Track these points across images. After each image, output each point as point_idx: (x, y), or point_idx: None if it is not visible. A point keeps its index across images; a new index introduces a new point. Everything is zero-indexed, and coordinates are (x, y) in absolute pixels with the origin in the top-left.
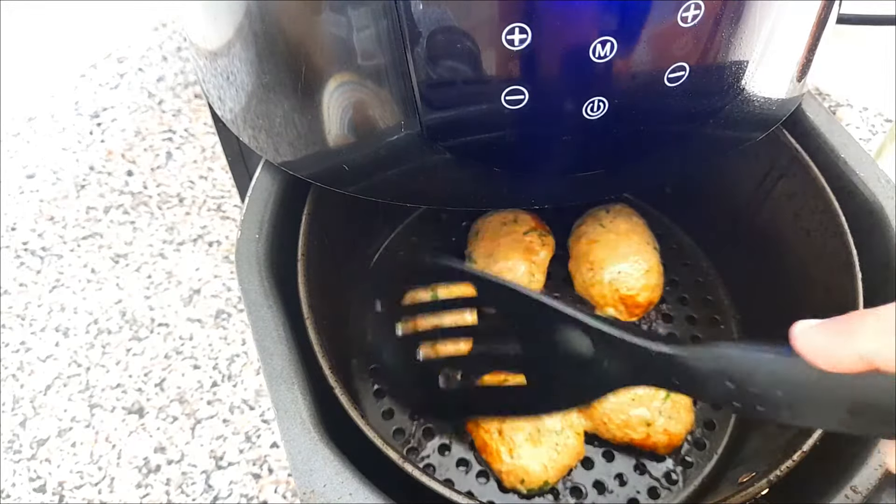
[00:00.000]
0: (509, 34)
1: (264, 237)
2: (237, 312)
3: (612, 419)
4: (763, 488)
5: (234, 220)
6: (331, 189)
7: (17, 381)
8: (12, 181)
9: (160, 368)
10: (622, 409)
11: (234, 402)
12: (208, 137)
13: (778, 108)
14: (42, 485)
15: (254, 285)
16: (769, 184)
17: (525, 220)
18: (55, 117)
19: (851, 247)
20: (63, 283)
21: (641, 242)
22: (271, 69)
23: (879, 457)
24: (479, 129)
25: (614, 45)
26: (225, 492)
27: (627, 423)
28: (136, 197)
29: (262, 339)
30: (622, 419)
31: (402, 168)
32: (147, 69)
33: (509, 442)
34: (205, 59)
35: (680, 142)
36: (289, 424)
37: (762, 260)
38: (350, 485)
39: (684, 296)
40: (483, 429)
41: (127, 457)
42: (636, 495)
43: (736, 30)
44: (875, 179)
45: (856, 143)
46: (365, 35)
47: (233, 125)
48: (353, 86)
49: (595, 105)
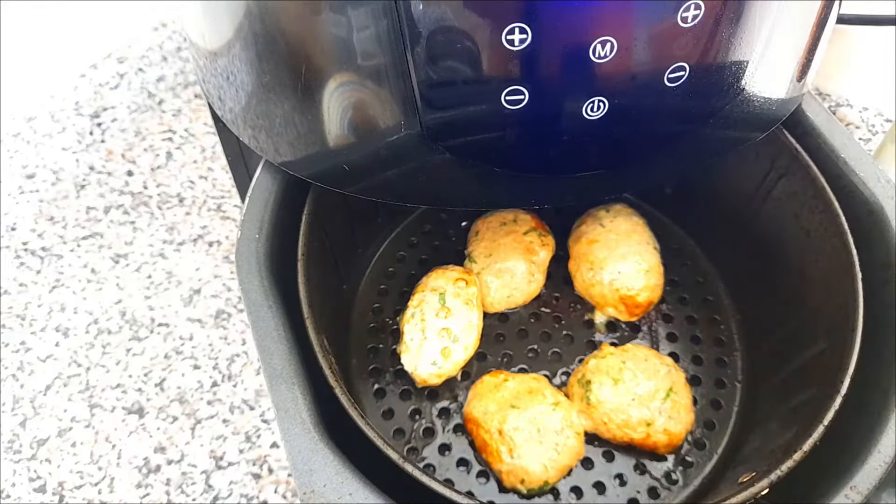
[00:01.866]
0: (509, 34)
1: (264, 237)
2: (237, 312)
3: (613, 419)
4: (763, 488)
5: (234, 220)
6: (331, 189)
7: (17, 381)
8: (12, 181)
9: (160, 368)
10: (622, 409)
11: (234, 402)
12: (208, 137)
13: (778, 108)
14: (42, 485)
15: (254, 285)
16: (769, 184)
17: (525, 220)
18: (55, 117)
19: (851, 247)
20: (63, 283)
21: (641, 242)
22: (271, 69)
23: (879, 457)
24: (479, 130)
25: (614, 45)
26: (225, 492)
27: (627, 422)
28: (136, 197)
29: (262, 339)
30: (622, 419)
31: (402, 168)
32: (147, 69)
33: (509, 442)
34: (205, 59)
35: (680, 142)
36: (289, 424)
37: (762, 260)
38: (350, 485)
39: (684, 296)
40: (483, 428)
41: (127, 457)
42: (636, 495)
43: (736, 30)
44: (875, 179)
45: (856, 143)
46: (365, 35)
47: (233, 125)
48: (354, 86)
49: (595, 105)
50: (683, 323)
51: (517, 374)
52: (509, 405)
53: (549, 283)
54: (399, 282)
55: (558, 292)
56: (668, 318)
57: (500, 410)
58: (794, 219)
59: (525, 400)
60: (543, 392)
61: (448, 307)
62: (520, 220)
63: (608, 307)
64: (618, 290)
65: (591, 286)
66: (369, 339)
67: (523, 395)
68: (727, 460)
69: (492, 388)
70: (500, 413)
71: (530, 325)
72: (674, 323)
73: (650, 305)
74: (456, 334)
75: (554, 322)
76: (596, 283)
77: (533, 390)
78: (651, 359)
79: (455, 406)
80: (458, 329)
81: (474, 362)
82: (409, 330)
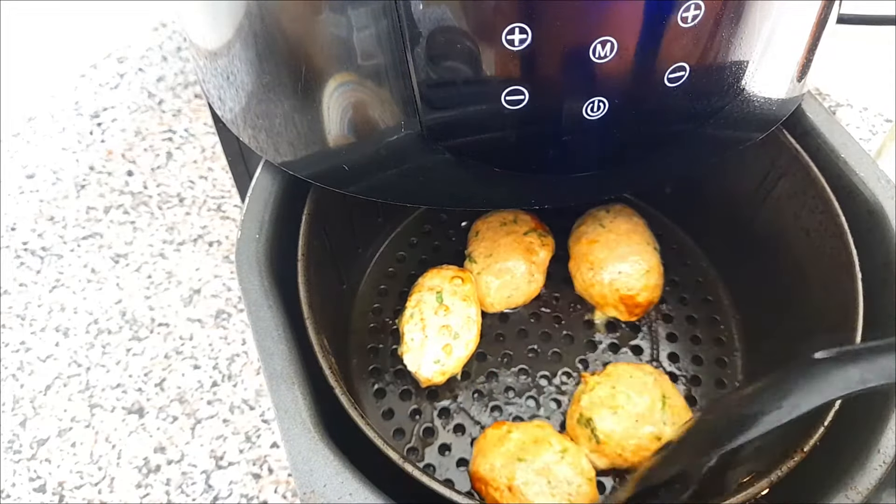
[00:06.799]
0: (509, 34)
1: (264, 237)
2: (237, 312)
3: (626, 447)
4: (763, 488)
5: (234, 220)
6: (331, 189)
7: (17, 381)
8: (12, 181)
9: (160, 368)
10: (631, 435)
11: (234, 402)
12: (208, 137)
13: (778, 109)
14: (42, 485)
15: (254, 285)
16: (769, 184)
17: (525, 221)
18: (55, 117)
19: (851, 247)
20: (63, 283)
21: (641, 242)
22: (271, 69)
23: (879, 457)
24: (479, 130)
25: (614, 45)
26: (225, 492)
27: (640, 445)
28: (136, 197)
29: (262, 339)
30: (634, 444)
31: (402, 168)
32: (147, 69)
33: (521, 497)
34: (205, 59)
35: (680, 142)
36: (289, 424)
37: (762, 260)
38: (350, 485)
39: (684, 296)
40: (493, 486)
41: (127, 457)
42: None
43: (736, 30)
44: (875, 179)
45: (856, 143)
46: (365, 35)
47: (233, 125)
48: (354, 86)
49: (595, 105)
50: (683, 323)
51: (521, 424)
52: (516, 458)
53: (549, 283)
54: (399, 282)
55: (558, 292)
56: (668, 318)
57: (508, 465)
58: (794, 219)
59: (532, 451)
60: (549, 440)
61: (446, 305)
62: (520, 220)
63: (608, 307)
64: (618, 291)
65: (591, 286)
66: (369, 339)
67: (529, 446)
68: (727, 460)
69: (496, 442)
70: (507, 468)
71: (530, 325)
72: (674, 323)
73: (650, 305)
74: (456, 331)
75: (554, 322)
76: (596, 283)
77: (538, 439)
78: (635, 373)
79: (455, 406)
80: (457, 325)
81: (474, 362)
82: (410, 330)
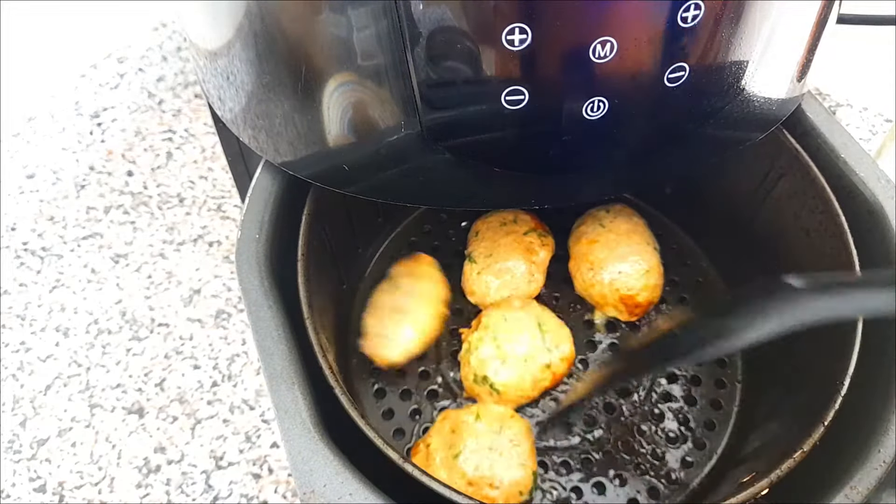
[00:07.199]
0: (509, 34)
1: (264, 237)
2: (237, 312)
3: (524, 388)
4: (763, 488)
5: (234, 220)
6: (331, 189)
7: (17, 381)
8: (12, 181)
9: (160, 368)
10: (524, 377)
11: (234, 402)
12: (208, 137)
13: (778, 109)
14: (42, 485)
15: (254, 285)
16: (769, 184)
17: (525, 220)
18: (55, 117)
19: (851, 247)
20: (63, 283)
21: (641, 242)
22: (271, 69)
23: (879, 457)
24: (479, 130)
25: (614, 45)
26: (225, 492)
27: (534, 379)
28: (136, 197)
29: (262, 339)
30: (529, 382)
31: (402, 168)
32: (147, 69)
33: (490, 481)
34: (205, 59)
35: (680, 142)
36: (289, 424)
37: (762, 260)
38: (350, 485)
39: (684, 296)
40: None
41: (127, 457)
42: (636, 495)
43: (736, 30)
44: (875, 179)
45: (856, 143)
46: (365, 35)
47: (233, 125)
48: (353, 86)
49: (595, 105)
50: None
51: (431, 435)
52: (453, 456)
53: (549, 283)
54: None
55: (558, 292)
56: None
57: (451, 468)
58: (794, 219)
59: (459, 439)
60: (463, 420)
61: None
62: (520, 220)
63: (608, 307)
64: (618, 291)
65: (591, 286)
66: None
67: (454, 439)
68: (727, 460)
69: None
70: (453, 471)
71: None
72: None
73: (650, 305)
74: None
75: None
76: (596, 283)
77: (455, 427)
78: (507, 314)
79: (454, 406)
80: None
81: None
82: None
